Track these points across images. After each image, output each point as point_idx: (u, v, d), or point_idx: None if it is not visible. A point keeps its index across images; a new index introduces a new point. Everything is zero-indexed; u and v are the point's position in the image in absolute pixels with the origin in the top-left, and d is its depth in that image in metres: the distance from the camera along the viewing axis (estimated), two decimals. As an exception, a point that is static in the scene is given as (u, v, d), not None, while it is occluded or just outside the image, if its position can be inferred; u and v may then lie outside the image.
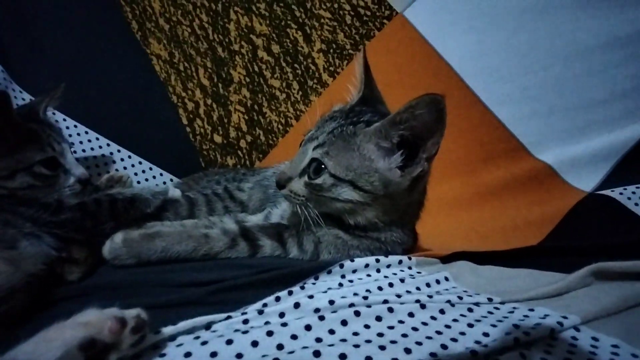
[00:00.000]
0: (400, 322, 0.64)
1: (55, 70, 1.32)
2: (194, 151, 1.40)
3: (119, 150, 1.31)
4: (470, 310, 0.69)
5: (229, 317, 0.64)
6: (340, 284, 0.75)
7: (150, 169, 1.34)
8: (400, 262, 0.84)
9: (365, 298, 0.67)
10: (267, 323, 0.62)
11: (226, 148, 1.41)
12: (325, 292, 0.70)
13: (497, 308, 0.70)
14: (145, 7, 1.42)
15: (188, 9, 1.42)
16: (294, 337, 0.59)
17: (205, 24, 1.42)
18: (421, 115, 0.77)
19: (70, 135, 1.26)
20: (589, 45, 1.23)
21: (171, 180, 1.36)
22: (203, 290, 0.72)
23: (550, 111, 1.28)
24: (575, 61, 1.24)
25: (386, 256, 0.83)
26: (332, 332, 0.61)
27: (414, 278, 0.78)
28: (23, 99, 1.25)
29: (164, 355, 0.56)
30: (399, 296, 0.68)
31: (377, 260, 0.82)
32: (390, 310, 0.65)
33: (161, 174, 1.35)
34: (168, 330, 0.59)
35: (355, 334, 0.61)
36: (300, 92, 1.40)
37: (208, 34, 1.42)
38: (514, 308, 0.70)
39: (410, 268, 0.84)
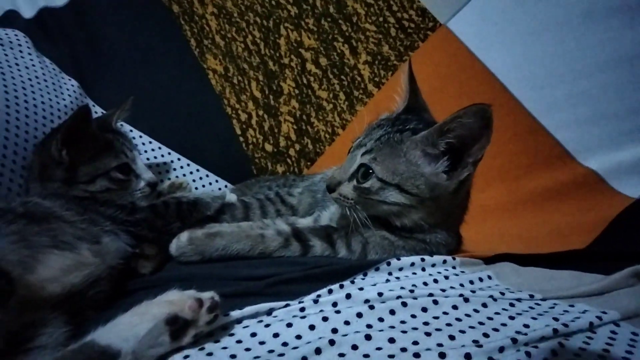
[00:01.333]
0: (445, 313, 0.69)
1: (123, 85, 1.45)
2: (247, 159, 1.49)
3: (179, 159, 1.42)
4: (511, 305, 0.72)
5: (287, 305, 0.70)
6: (387, 280, 0.81)
7: (207, 175, 1.44)
8: (444, 261, 0.88)
9: (412, 291, 0.72)
10: (321, 311, 0.68)
11: (276, 156, 1.49)
12: (374, 285, 0.76)
13: (538, 304, 0.74)
14: (203, 25, 1.54)
15: (242, 26, 1.53)
16: (346, 322, 0.65)
17: (258, 40, 1.52)
18: (468, 123, 0.81)
19: (136, 145, 1.37)
20: (636, 52, 1.24)
21: (226, 186, 1.45)
22: (262, 283, 0.79)
23: (595, 117, 1.29)
24: (620, 68, 1.25)
25: (431, 256, 0.88)
26: (381, 319, 0.66)
27: (457, 276, 0.82)
28: (95, 112, 1.37)
29: (232, 334, 0.63)
30: (443, 290, 0.73)
31: (423, 260, 0.86)
32: (435, 302, 0.70)
33: (217, 181, 1.44)
34: (235, 313, 0.67)
35: (403, 322, 0.66)
36: (346, 103, 1.47)
37: (260, 48, 1.52)
38: (555, 304, 0.73)
39: (454, 268, 0.89)
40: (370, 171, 0.90)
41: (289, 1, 1.52)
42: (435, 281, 0.79)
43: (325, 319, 0.65)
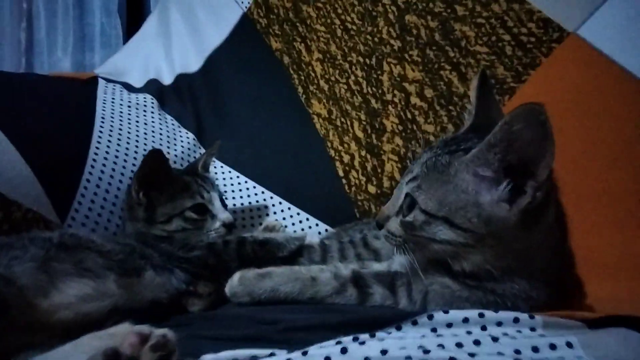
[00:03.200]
0: (461, 387, 0.49)
1: (235, 135, 1.54)
2: (349, 202, 1.41)
3: (280, 202, 1.42)
4: (577, 386, 0.49)
5: (272, 354, 0.60)
6: (423, 336, 0.63)
7: (307, 219, 1.40)
8: (516, 320, 0.66)
9: (427, 352, 0.54)
10: (306, 366, 0.56)
11: (380, 198, 1.38)
12: (397, 341, 0.60)
13: (628, 391, 0.48)
14: (309, 72, 1.56)
15: (345, 67, 1.50)
16: (319, 383, 0.52)
17: (360, 79, 1.47)
18: (520, 131, 0.62)
19: (240, 190, 1.43)
20: None
21: (326, 230, 1.39)
22: (273, 328, 0.69)
23: None
24: None
25: (496, 311, 0.67)
26: (366, 385, 0.51)
27: (514, 339, 0.60)
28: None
29: (194, 382, 0.56)
30: (472, 355, 0.53)
31: (482, 315, 0.66)
32: (453, 370, 0.51)
33: (317, 224, 1.39)
34: (208, 357, 0.59)
35: (394, 392, 0.49)
36: (456, 135, 1.30)
37: (362, 87, 1.46)
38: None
39: (532, 330, 0.65)
40: (415, 202, 0.74)
41: (392, 35, 1.44)
42: (476, 343, 0.58)
43: (295, 375, 0.53)
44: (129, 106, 1.41)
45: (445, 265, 0.77)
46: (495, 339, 0.59)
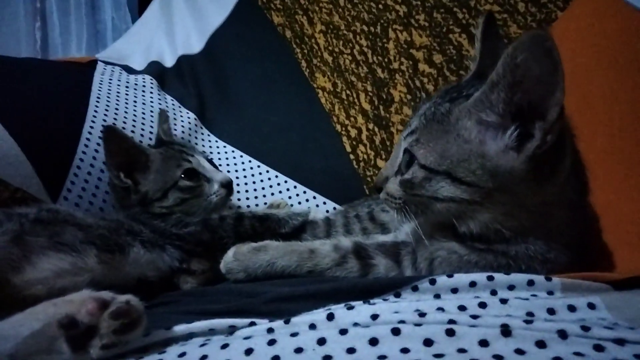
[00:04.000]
0: (460, 350, 0.43)
1: (238, 114, 1.49)
2: (358, 178, 1.34)
3: (285, 181, 1.36)
4: (598, 348, 0.41)
5: (252, 324, 0.54)
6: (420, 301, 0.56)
7: (314, 197, 1.34)
8: (530, 283, 0.58)
9: (423, 315, 0.48)
10: (293, 335, 0.49)
11: (390, 172, 1.31)
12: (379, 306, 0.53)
13: (660, 352, 0.40)
14: (312, 45, 1.50)
15: (349, 37, 1.43)
16: (298, 350, 0.45)
17: (365, 49, 1.40)
18: (524, 63, 0.55)
19: (244, 170, 1.38)
20: None
21: (334, 208, 1.32)
22: (258, 300, 0.64)
23: None
24: None
25: (507, 274, 0.59)
26: (350, 350, 0.44)
27: (527, 301, 0.52)
28: (209, 141, 1.43)
29: (163, 352, 0.50)
30: (474, 317, 0.46)
31: (491, 278, 0.58)
32: (451, 332, 0.44)
33: (324, 202, 1.33)
34: (180, 328, 0.53)
35: (382, 357, 0.43)
36: (468, 102, 1.22)
37: (367, 57, 1.39)
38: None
39: (550, 293, 0.57)
40: (414, 157, 0.67)
41: (397, 1, 1.36)
42: (482, 305, 0.51)
43: (271, 342, 0.47)
44: (127, 87, 1.37)
45: (451, 229, 0.70)
46: (504, 301, 0.52)
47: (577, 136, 0.70)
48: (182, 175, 1.01)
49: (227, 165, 1.38)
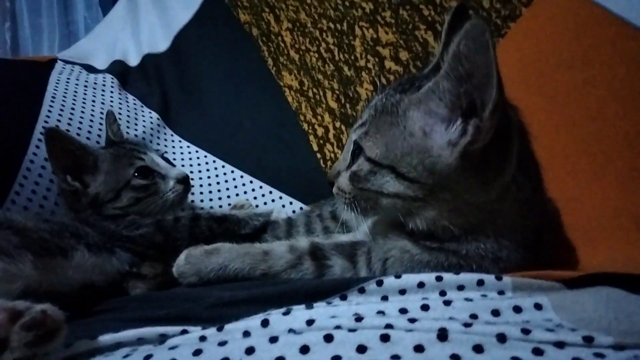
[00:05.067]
0: (394, 357, 0.40)
1: (203, 114, 1.45)
2: (324, 177, 1.32)
3: (251, 181, 1.33)
4: (537, 352, 0.39)
5: (184, 332, 0.51)
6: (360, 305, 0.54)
7: (280, 197, 1.31)
8: (480, 282, 0.56)
9: (359, 320, 0.45)
10: (221, 344, 0.46)
11: (357, 171, 1.28)
12: (333, 310, 0.50)
13: (599, 355, 0.38)
14: (279, 43, 1.47)
15: (315, 35, 1.40)
16: (224, 360, 0.42)
17: (331, 46, 1.37)
18: (467, 52, 0.52)
19: (208, 170, 1.34)
20: None
21: (301, 208, 1.29)
22: (199, 305, 0.60)
23: None
24: None
25: (457, 274, 0.57)
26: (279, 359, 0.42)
27: (472, 302, 0.50)
28: (172, 141, 1.39)
29: (82, 364, 0.47)
30: (412, 321, 0.44)
31: (439, 279, 0.56)
32: (385, 338, 0.42)
33: (291, 203, 1.30)
34: (106, 338, 0.50)
35: (308, 366, 0.40)
36: (435, 99, 1.20)
37: (334, 55, 1.36)
38: (637, 357, 0.37)
39: (502, 293, 0.55)
40: (361, 150, 0.65)
41: (363, -2, 1.35)
42: (424, 308, 0.49)
43: (197, 352, 0.44)
44: (86, 86, 1.33)
45: (403, 226, 0.68)
46: (447, 303, 0.50)
47: (533, 134, 0.68)
48: (135, 174, 0.97)
49: (191, 165, 1.34)
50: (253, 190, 1.32)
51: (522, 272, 0.59)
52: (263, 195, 1.31)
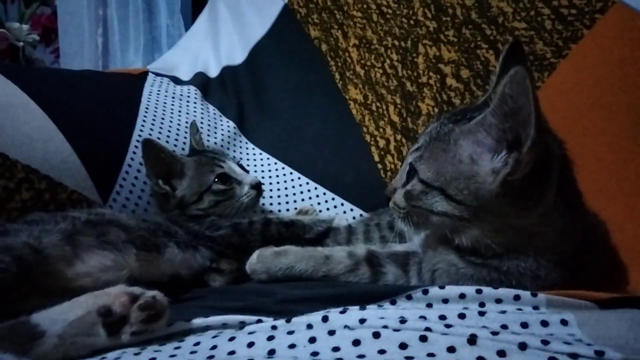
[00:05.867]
0: (430, 354, 0.49)
1: (275, 124, 1.58)
2: (384, 187, 1.39)
3: (315, 188, 1.44)
4: (552, 360, 0.46)
5: (259, 321, 0.62)
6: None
7: (342, 204, 1.40)
8: (517, 297, 0.63)
9: (403, 322, 0.54)
10: (289, 332, 0.57)
11: (415, 182, 1.35)
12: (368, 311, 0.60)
13: (607, 367, 0.45)
14: (346, 58, 1.56)
15: (380, 51, 1.49)
16: (291, 346, 0.53)
17: (395, 62, 1.45)
18: (512, 94, 0.59)
19: (277, 176, 1.46)
20: None
21: (361, 215, 1.39)
22: (270, 300, 0.72)
23: None
24: None
25: (495, 288, 0.64)
26: (335, 349, 0.51)
27: (505, 315, 0.57)
28: (247, 149, 1.53)
29: (182, 340, 0.59)
30: (448, 326, 0.52)
31: (479, 292, 0.64)
32: (424, 339, 0.51)
33: (352, 209, 1.39)
34: (198, 321, 0.62)
35: (360, 356, 0.50)
36: (493, 116, 1.25)
37: (397, 71, 1.44)
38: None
39: (536, 308, 0.62)
40: (415, 171, 0.73)
41: (427, 16, 1.41)
42: (461, 316, 0.57)
43: (270, 338, 0.55)
44: (173, 97, 1.49)
45: (450, 242, 0.75)
46: (482, 314, 0.57)
47: (577, 165, 0.73)
48: (215, 180, 1.11)
49: (262, 171, 1.47)
50: (317, 196, 1.42)
51: (557, 291, 0.66)
52: (326, 202, 1.41)
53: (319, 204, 1.42)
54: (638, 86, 1.05)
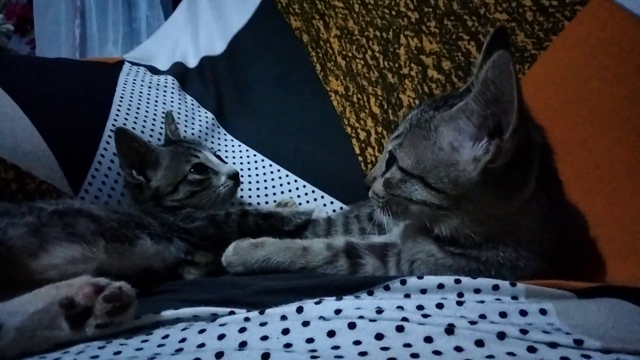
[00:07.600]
0: (406, 345, 0.47)
1: (254, 115, 1.55)
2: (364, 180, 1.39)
3: (295, 180, 1.41)
4: (531, 349, 0.45)
5: (232, 313, 0.60)
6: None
7: (322, 197, 1.39)
8: (495, 287, 0.61)
9: (380, 312, 0.52)
10: (262, 324, 0.55)
11: (396, 175, 1.34)
12: (359, 303, 0.58)
13: (586, 356, 0.44)
14: (327, 49, 1.54)
15: (362, 42, 1.47)
16: (264, 338, 0.51)
17: (377, 54, 1.43)
18: (495, 80, 0.58)
19: (256, 168, 1.44)
20: None
21: (341, 208, 1.37)
22: (245, 291, 0.69)
23: None
24: None
25: (474, 278, 0.63)
26: (309, 340, 0.49)
27: (484, 305, 0.56)
28: (225, 140, 1.50)
29: (150, 333, 0.56)
30: (425, 316, 0.51)
31: (458, 282, 0.62)
32: (400, 329, 0.49)
33: (332, 202, 1.38)
34: (167, 313, 0.60)
35: (335, 347, 0.48)
36: (475, 108, 1.24)
37: (379, 62, 1.42)
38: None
39: (515, 298, 0.61)
40: (395, 159, 0.72)
41: (409, 7, 1.39)
42: (439, 306, 0.55)
43: (242, 329, 0.52)
44: (150, 87, 1.46)
45: (430, 232, 0.74)
46: (460, 304, 0.56)
47: (558, 154, 0.72)
48: (191, 170, 1.08)
49: (241, 163, 1.44)
50: (297, 188, 1.40)
51: (536, 280, 0.65)
52: (306, 194, 1.39)
53: (298, 196, 1.40)
54: (618, 78, 1.05)
